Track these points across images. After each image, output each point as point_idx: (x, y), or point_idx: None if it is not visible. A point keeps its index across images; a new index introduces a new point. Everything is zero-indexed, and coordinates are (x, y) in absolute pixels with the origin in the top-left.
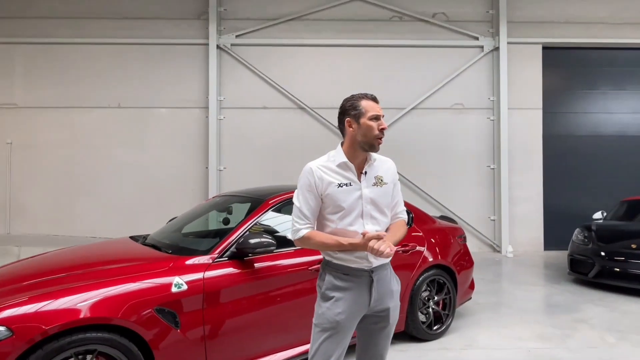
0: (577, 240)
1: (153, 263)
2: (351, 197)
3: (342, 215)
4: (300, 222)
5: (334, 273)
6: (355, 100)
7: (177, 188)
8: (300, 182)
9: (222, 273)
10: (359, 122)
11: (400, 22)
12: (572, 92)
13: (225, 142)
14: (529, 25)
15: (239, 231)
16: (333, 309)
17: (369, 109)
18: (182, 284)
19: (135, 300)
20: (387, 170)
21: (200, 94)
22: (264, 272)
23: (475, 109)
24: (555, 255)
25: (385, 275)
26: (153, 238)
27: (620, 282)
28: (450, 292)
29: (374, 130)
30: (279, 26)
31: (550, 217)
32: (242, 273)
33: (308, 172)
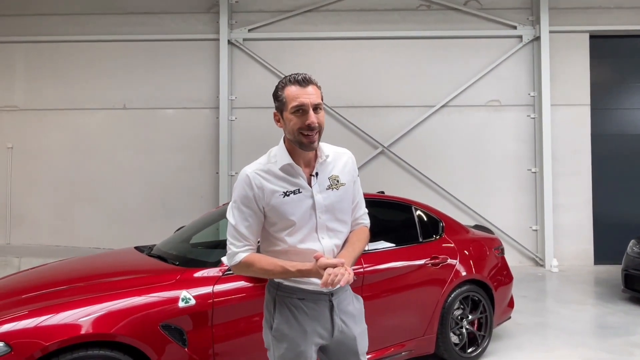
0: (632, 253)
1: (159, 275)
2: (301, 207)
3: (292, 231)
4: (236, 243)
5: (287, 299)
6: (278, 89)
7: (186, 195)
8: (235, 194)
9: (233, 287)
10: (283, 116)
11: (428, 11)
12: (625, 86)
13: (237, 144)
14: (573, 12)
15: None
16: (294, 349)
17: (292, 98)
18: (189, 298)
19: (140, 316)
20: (343, 166)
21: (210, 93)
22: None
23: (513, 105)
24: (607, 270)
25: (346, 297)
26: (159, 249)
27: None
28: (486, 311)
29: (297, 125)
30: (295, 18)
31: (600, 227)
32: (253, 287)
33: (244, 180)
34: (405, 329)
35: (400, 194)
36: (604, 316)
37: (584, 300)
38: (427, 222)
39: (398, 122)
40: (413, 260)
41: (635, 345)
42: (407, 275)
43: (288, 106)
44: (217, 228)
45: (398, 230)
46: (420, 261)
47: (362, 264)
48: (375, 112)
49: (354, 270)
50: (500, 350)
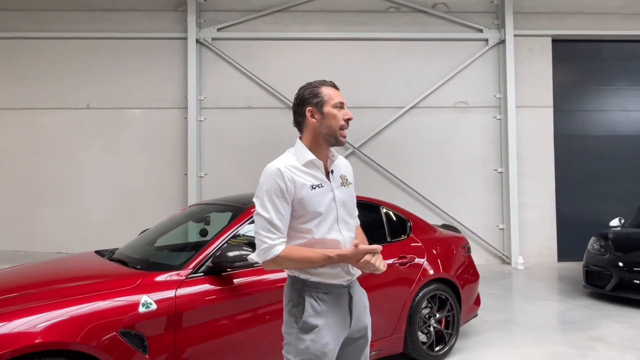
0: (592, 250)
1: (118, 280)
2: (326, 200)
3: (320, 222)
4: (272, 236)
5: (313, 294)
6: (315, 87)
7: (153, 197)
8: (266, 187)
9: (197, 290)
10: (322, 111)
11: (398, 14)
12: (586, 89)
13: (206, 145)
14: (537, 16)
15: (216, 243)
16: (319, 340)
17: (333, 97)
18: (150, 303)
19: (97, 322)
20: (346, 168)
21: (178, 93)
22: (244, 289)
23: (480, 107)
24: (569, 266)
25: (358, 289)
26: (121, 252)
27: None
28: (453, 309)
29: (339, 120)
30: (265, 18)
31: (563, 225)
32: (219, 290)
33: (275, 174)
34: (373, 329)
35: (370, 194)
36: (567, 311)
37: (548, 297)
38: (395, 222)
39: (368, 123)
40: None
41: (596, 340)
42: (375, 275)
43: (331, 102)
44: (184, 230)
45: (366, 230)
46: (388, 261)
47: None
48: None
49: None
50: (467, 347)
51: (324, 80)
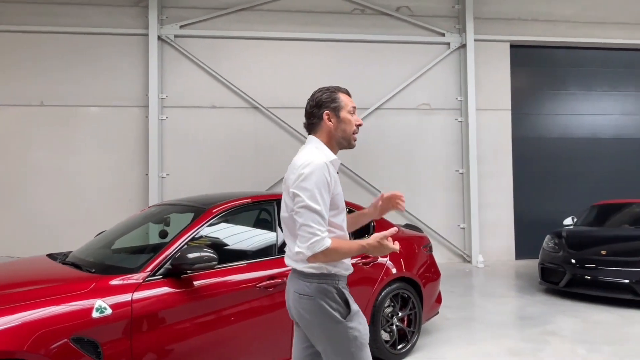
0: (547, 248)
1: (70, 284)
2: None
3: (343, 217)
4: (322, 229)
5: (344, 286)
6: (333, 92)
7: (112, 198)
8: (316, 180)
9: (155, 294)
10: (339, 115)
11: (362, 16)
12: (541, 93)
13: (168, 145)
14: (496, 22)
15: (175, 245)
16: (363, 322)
17: (348, 102)
18: (105, 307)
19: (46, 329)
20: None
21: (139, 91)
22: (205, 291)
23: (442, 109)
24: (526, 264)
25: None
26: (75, 256)
27: (591, 291)
28: (415, 307)
29: (352, 125)
30: (229, 16)
31: (521, 224)
32: (178, 293)
33: (323, 168)
34: None
35: None
36: (524, 307)
37: (506, 294)
38: None
39: None
40: None
41: (550, 334)
42: None
43: (346, 108)
44: (143, 232)
45: None
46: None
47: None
48: None
49: (285, 272)
50: (429, 345)
51: (339, 87)
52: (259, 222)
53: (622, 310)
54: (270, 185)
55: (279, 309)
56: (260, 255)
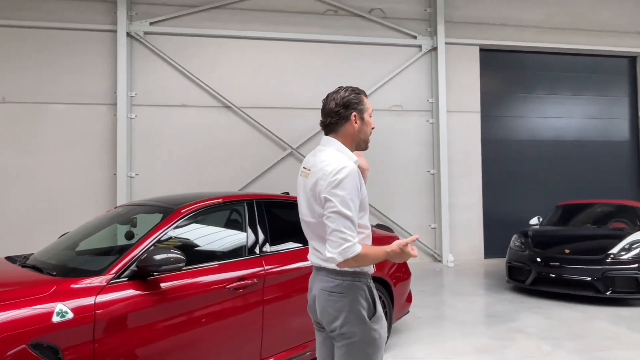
0: (514, 247)
1: (29, 288)
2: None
3: (368, 215)
4: (354, 234)
5: (371, 285)
6: (359, 94)
7: (78, 199)
8: (348, 186)
9: (119, 297)
10: (364, 118)
11: (335, 17)
12: (510, 96)
13: (137, 144)
14: (466, 26)
15: (141, 246)
16: (384, 326)
17: (369, 106)
18: (66, 311)
19: (2, 335)
20: None
21: (107, 89)
22: (171, 294)
23: (414, 111)
24: (495, 263)
25: None
26: (36, 258)
27: (556, 289)
28: (386, 307)
29: (370, 128)
30: (201, 14)
31: (490, 224)
32: (144, 295)
33: (355, 174)
34: (307, 329)
35: None
36: (492, 305)
37: (475, 292)
38: None
39: (307, 124)
40: None
41: (516, 331)
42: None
43: (369, 111)
44: (110, 233)
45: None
46: None
47: (264, 266)
48: (284, 114)
49: (255, 273)
50: (400, 344)
51: (359, 88)
52: (229, 222)
53: (584, 307)
54: (243, 185)
55: (249, 310)
56: (231, 256)
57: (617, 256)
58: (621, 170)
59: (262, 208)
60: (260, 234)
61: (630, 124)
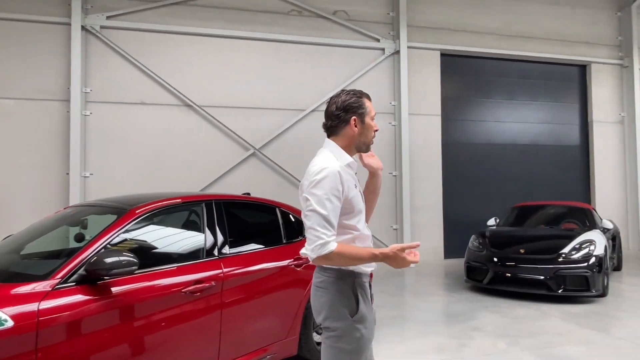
0: (472, 247)
1: None
2: (360, 197)
3: (359, 218)
4: (327, 233)
5: (362, 284)
6: (360, 98)
7: (28, 199)
8: (326, 186)
9: (65, 303)
10: (364, 122)
11: (300, 17)
12: (468, 100)
13: (92, 142)
14: (428, 31)
15: (91, 249)
16: (370, 328)
17: (372, 109)
18: (5, 319)
19: None
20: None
21: (60, 84)
22: (123, 298)
23: (377, 113)
24: (454, 263)
25: None
26: None
27: (512, 287)
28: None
29: (372, 130)
30: (161, 10)
31: (449, 225)
32: (93, 301)
33: (334, 175)
34: (268, 332)
35: (270, 196)
36: (451, 305)
37: (435, 292)
38: (292, 223)
39: (270, 124)
40: (276, 261)
41: (475, 329)
42: (270, 277)
43: (370, 114)
44: (65, 235)
45: (262, 232)
46: (283, 262)
47: (222, 269)
48: (246, 114)
49: (213, 276)
50: None
51: (362, 91)
52: (187, 224)
53: (538, 305)
54: (204, 186)
55: (206, 314)
56: (188, 259)
57: (568, 256)
58: (572, 173)
59: (222, 209)
60: (219, 236)
61: (580, 130)
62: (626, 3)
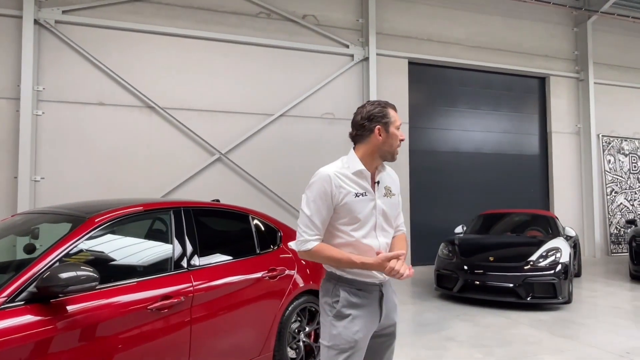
0: (442, 255)
1: None
2: (367, 207)
3: (358, 227)
4: (309, 232)
5: (347, 288)
6: (384, 107)
7: None
8: (314, 189)
9: (12, 325)
10: (389, 131)
11: (268, 20)
12: (435, 109)
13: (44, 144)
14: (396, 39)
15: (43, 262)
16: (350, 328)
17: (396, 119)
18: None
19: None
20: (393, 181)
21: (8, 81)
22: (80, 318)
23: (345, 119)
24: (422, 270)
25: (390, 288)
26: None
27: (481, 295)
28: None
29: (397, 139)
30: (122, 6)
31: (416, 232)
32: (46, 322)
33: (324, 179)
34: (241, 349)
35: (238, 203)
36: (422, 314)
37: (405, 300)
38: (264, 232)
39: (236, 128)
40: (249, 274)
41: (448, 339)
42: (243, 290)
43: (395, 124)
44: (14, 245)
45: (234, 242)
46: (257, 274)
47: (192, 282)
48: (212, 117)
49: (181, 290)
50: None
51: (388, 102)
52: (152, 233)
53: (507, 312)
54: (167, 192)
55: (174, 332)
56: (154, 272)
57: (536, 263)
58: (533, 181)
59: (191, 217)
60: (188, 246)
61: (540, 140)
62: (582, 19)
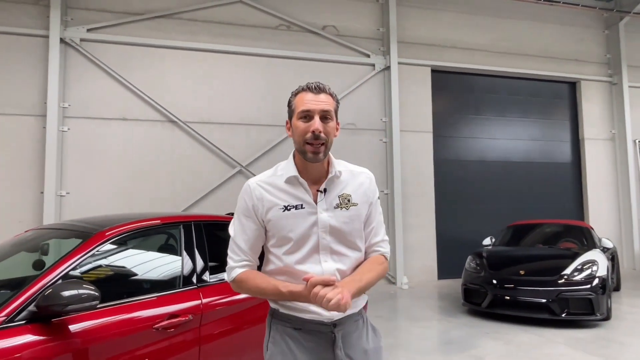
0: (469, 269)
1: None
2: (302, 224)
3: (291, 249)
4: (234, 257)
5: (281, 328)
6: (292, 95)
7: None
8: (238, 205)
9: (11, 345)
10: (292, 123)
11: (288, 32)
12: (460, 117)
13: (69, 160)
14: (418, 47)
15: (45, 280)
16: None
17: (299, 105)
18: None
19: None
20: (359, 186)
21: (36, 99)
22: (82, 339)
23: (368, 129)
24: (448, 284)
25: (356, 329)
26: None
27: (512, 311)
28: None
29: (302, 133)
30: (145, 23)
31: (442, 245)
32: (47, 341)
33: (244, 190)
34: None
35: None
36: (449, 331)
37: (431, 317)
38: None
39: (257, 141)
40: None
41: (477, 358)
42: (255, 308)
43: (295, 112)
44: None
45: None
46: None
47: (201, 299)
48: (233, 130)
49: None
50: None
51: (309, 83)
52: (163, 248)
53: (541, 330)
54: (188, 205)
55: (181, 352)
56: (162, 289)
57: (570, 277)
58: (564, 190)
59: (202, 231)
60: (198, 261)
61: (572, 147)
62: (614, 21)
